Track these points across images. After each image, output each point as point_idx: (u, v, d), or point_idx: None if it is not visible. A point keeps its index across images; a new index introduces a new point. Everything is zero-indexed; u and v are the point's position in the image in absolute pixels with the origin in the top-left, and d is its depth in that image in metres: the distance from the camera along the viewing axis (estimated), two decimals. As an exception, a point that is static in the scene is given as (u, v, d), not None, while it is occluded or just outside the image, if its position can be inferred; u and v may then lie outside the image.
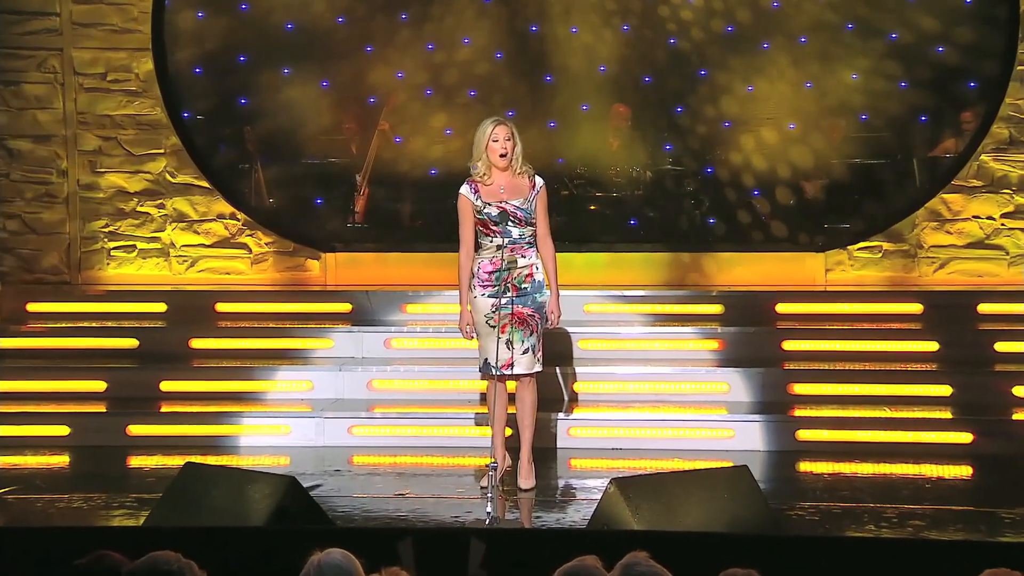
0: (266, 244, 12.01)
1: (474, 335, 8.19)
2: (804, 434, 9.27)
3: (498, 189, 8.12)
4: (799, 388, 9.75)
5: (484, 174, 8.16)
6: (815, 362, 10.05)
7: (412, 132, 12.81)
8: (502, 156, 8.07)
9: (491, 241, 8.10)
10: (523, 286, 8.08)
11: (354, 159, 12.77)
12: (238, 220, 11.98)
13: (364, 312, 10.78)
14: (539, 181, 8.17)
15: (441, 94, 12.80)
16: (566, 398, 9.74)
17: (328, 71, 12.72)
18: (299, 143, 12.64)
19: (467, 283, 8.16)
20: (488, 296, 8.10)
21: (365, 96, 12.89)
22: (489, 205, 8.05)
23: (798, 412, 9.50)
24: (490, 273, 8.11)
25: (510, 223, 8.02)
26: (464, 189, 8.20)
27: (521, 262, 8.07)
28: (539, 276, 8.13)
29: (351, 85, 12.80)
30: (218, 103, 12.43)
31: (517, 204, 8.05)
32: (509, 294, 8.03)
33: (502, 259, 8.02)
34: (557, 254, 8.29)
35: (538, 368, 8.20)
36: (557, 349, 9.67)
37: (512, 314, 8.02)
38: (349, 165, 12.74)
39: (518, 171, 8.13)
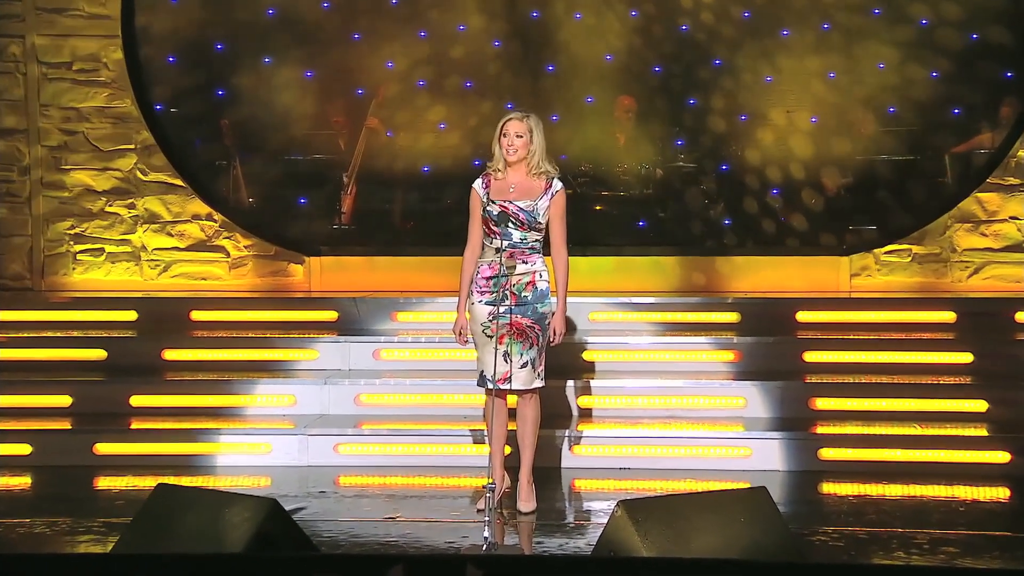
0: (245, 247, 12.00)
1: (469, 341, 8.18)
2: (827, 453, 9.25)
3: (508, 187, 8.10)
4: (822, 403, 9.73)
5: (499, 169, 8.15)
6: (839, 375, 10.03)
7: (403, 126, 12.79)
8: (509, 152, 8.06)
9: (491, 243, 8.09)
10: (523, 294, 8.06)
11: (341, 155, 12.76)
12: (215, 221, 11.97)
13: (351, 321, 10.76)
14: (556, 184, 8.12)
15: (435, 85, 12.79)
16: (570, 413, 9.72)
17: (313, 60, 12.72)
18: (281, 138, 12.63)
19: (468, 285, 8.15)
20: (485, 303, 8.08)
21: (353, 87, 12.87)
22: (493, 203, 8.04)
23: (821, 429, 9.47)
24: (488, 278, 8.09)
25: (511, 225, 8.00)
26: (477, 182, 8.18)
27: (521, 268, 8.04)
28: (542, 285, 8.10)
29: (337, 75, 12.79)
30: (193, 95, 12.43)
31: (521, 206, 8.02)
32: (507, 302, 8.02)
33: (500, 263, 8.00)
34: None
35: (538, 384, 8.17)
36: (560, 361, 9.64)
37: (510, 324, 8.01)
38: (335, 162, 12.74)
39: (536, 171, 8.10)
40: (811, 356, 10.18)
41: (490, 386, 8.03)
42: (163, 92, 12.24)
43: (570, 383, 9.77)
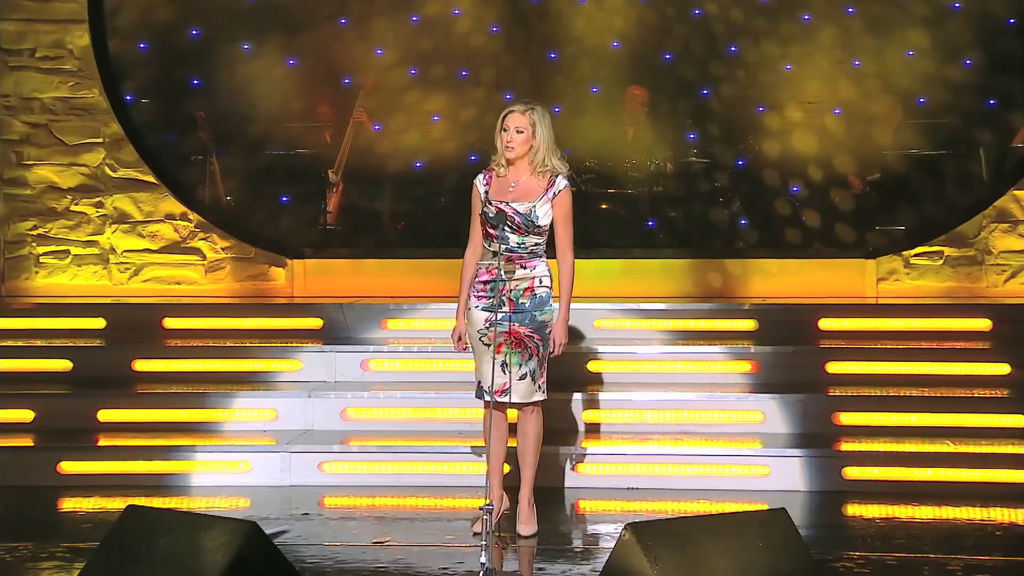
0: (223, 249, 12.00)
1: (468, 349, 8.16)
2: (852, 472, 9.24)
3: (508, 186, 8.07)
4: (846, 418, 9.71)
5: (500, 165, 8.12)
6: (865, 387, 10.02)
7: (394, 119, 12.79)
8: (507, 148, 8.04)
9: (489, 245, 8.07)
10: (520, 301, 8.03)
11: (326, 150, 12.77)
12: (190, 221, 11.96)
13: (337, 328, 10.76)
14: (560, 183, 8.06)
15: (427, 74, 12.79)
16: (574, 429, 9.70)
17: (296, 47, 12.72)
18: (262, 131, 12.63)
19: (468, 288, 8.13)
20: (482, 309, 8.06)
21: (339, 76, 12.88)
22: (490, 203, 8.02)
23: (845, 446, 9.46)
24: (485, 283, 8.07)
25: (507, 228, 7.98)
26: (479, 177, 8.15)
27: (519, 273, 8.03)
28: (542, 291, 8.07)
29: (322, 64, 12.80)
30: (166, 84, 12.43)
31: (518, 208, 7.99)
32: (504, 309, 8.00)
33: (498, 268, 7.99)
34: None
35: (540, 397, 8.15)
36: (564, 372, 9.62)
37: (507, 332, 7.99)
38: (320, 157, 12.74)
39: (539, 169, 8.07)
40: (834, 367, 10.17)
41: (488, 399, 8.01)
42: (134, 81, 12.24)
43: (574, 396, 9.76)
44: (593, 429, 9.73)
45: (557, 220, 8.03)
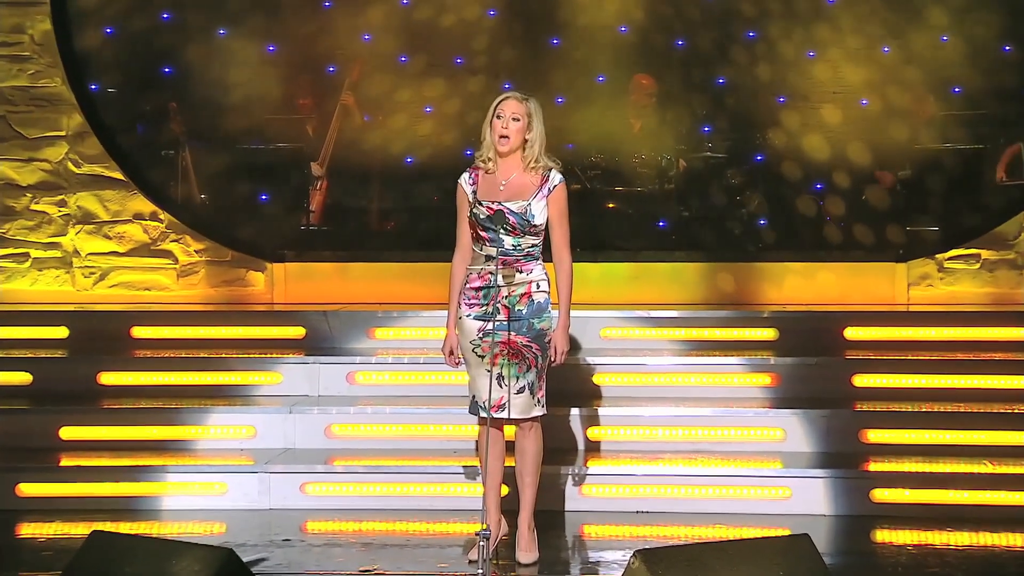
0: (196, 252, 11.99)
1: (460, 363, 8.15)
2: (881, 494, 9.23)
3: (498, 183, 8.06)
4: (874, 435, 9.71)
5: (488, 159, 8.11)
6: (895, 402, 10.01)
7: (383, 110, 12.80)
8: (502, 138, 8.01)
9: (480, 249, 8.06)
10: (517, 308, 8.02)
11: (309, 144, 12.78)
12: (160, 222, 11.96)
13: (321, 338, 10.76)
14: (555, 177, 8.07)
15: (419, 62, 12.79)
16: (577, 447, 9.70)
17: (276, 31, 12.73)
18: (239, 123, 12.62)
19: (458, 296, 8.12)
20: (475, 318, 8.06)
21: (323, 64, 12.88)
22: (480, 204, 8.00)
23: (873, 466, 9.46)
24: (478, 289, 8.07)
25: (503, 230, 7.97)
26: (463, 176, 8.14)
27: (516, 278, 8.02)
28: (540, 297, 8.08)
29: (305, 50, 12.80)
30: (135, 73, 12.42)
31: (512, 208, 7.98)
32: (499, 317, 8.00)
33: (492, 273, 7.98)
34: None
35: (539, 412, 8.16)
36: (566, 385, 9.62)
37: (503, 342, 7.99)
38: (303, 151, 12.74)
39: (532, 164, 8.06)
40: (862, 380, 10.16)
41: (483, 414, 8.00)
42: (99, 70, 12.23)
43: (577, 411, 9.76)
44: (599, 447, 9.72)
45: (553, 218, 8.03)
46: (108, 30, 12.29)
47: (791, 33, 12.52)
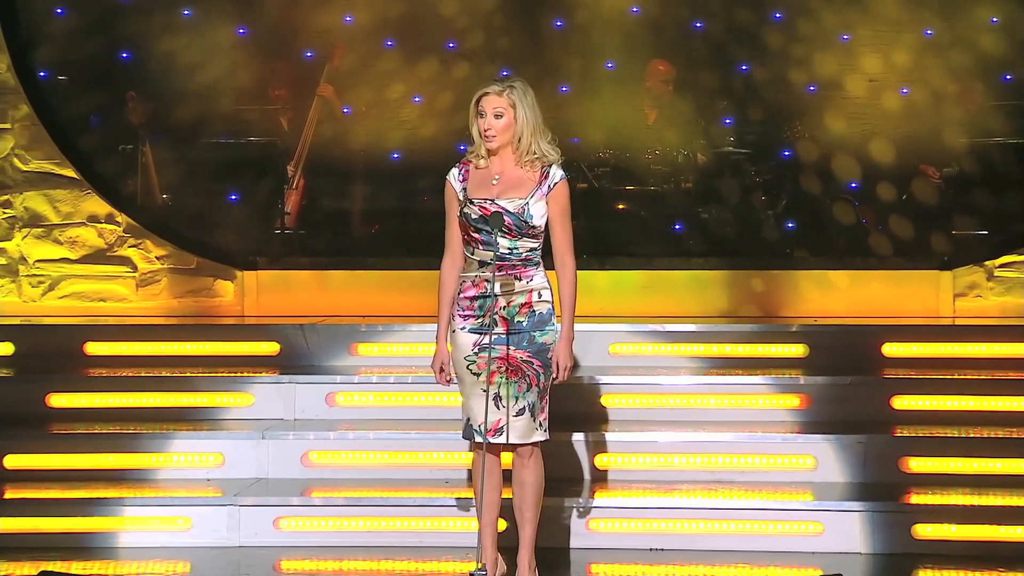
0: (158, 259, 11.99)
1: (452, 381, 8.14)
2: (924, 530, 9.21)
3: (490, 179, 8.07)
4: (916, 464, 9.69)
5: (479, 156, 8.12)
6: (939, 427, 9.99)
7: (366, 100, 12.80)
8: (486, 137, 8.03)
9: (472, 253, 8.05)
10: (516, 320, 8.02)
11: (284, 138, 12.79)
12: (118, 224, 11.96)
13: (297, 355, 10.75)
14: (555, 173, 8.07)
15: (407, 46, 12.79)
16: (583, 477, 9.69)
17: (246, 13, 12.73)
18: (205, 115, 12.64)
19: (448, 306, 8.11)
20: (470, 331, 8.05)
21: (300, 49, 12.88)
22: (471, 203, 8.00)
23: (915, 498, 9.44)
24: (472, 299, 8.06)
25: (498, 232, 7.96)
26: (453, 172, 8.15)
27: (516, 287, 8.02)
28: (542, 307, 8.08)
29: (279, 33, 12.80)
30: (89, 58, 12.42)
31: (507, 206, 7.98)
32: (497, 330, 7.99)
33: (488, 281, 7.97)
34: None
35: (540, 436, 8.15)
36: (570, 407, 9.61)
37: (501, 358, 7.97)
38: (277, 146, 12.76)
39: (527, 158, 8.07)
40: (902, 402, 10.15)
41: (479, 439, 7.99)
42: (49, 54, 12.24)
43: (583, 437, 9.73)
44: (607, 477, 9.70)
45: (554, 219, 8.03)
46: (59, 10, 12.29)
47: (823, 14, 12.54)
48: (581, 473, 9.68)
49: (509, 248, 7.99)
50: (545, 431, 8.15)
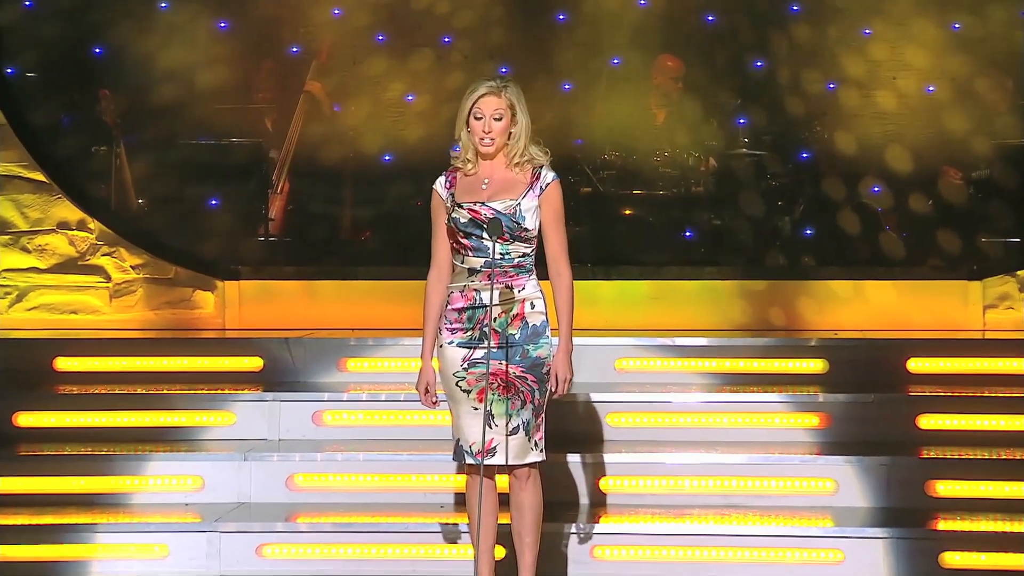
0: (133, 268, 11.98)
1: (438, 403, 8.14)
2: (952, 558, 9.20)
3: (479, 183, 8.08)
4: (944, 487, 9.68)
5: (467, 161, 8.13)
6: (968, 448, 9.99)
7: (356, 98, 12.80)
8: (484, 141, 8.04)
9: (461, 262, 8.06)
10: (509, 332, 8.02)
11: (268, 139, 12.78)
12: (90, 232, 11.95)
13: (283, 370, 10.76)
14: (547, 174, 8.11)
15: (400, 41, 12.79)
16: (586, 501, 9.68)
17: (228, 6, 12.73)
18: (184, 114, 12.64)
19: (435, 322, 8.11)
20: (458, 345, 8.05)
21: (285, 44, 12.88)
22: (460, 207, 8.01)
23: (943, 524, 9.42)
24: (460, 311, 8.06)
25: (488, 236, 7.96)
26: (438, 181, 8.17)
27: (508, 295, 8.03)
28: (536, 318, 8.07)
29: (263, 28, 12.80)
30: (60, 54, 12.41)
31: (498, 207, 7.99)
32: (488, 343, 7.98)
33: (477, 290, 7.98)
34: (574, 282, 8.26)
35: (536, 457, 8.13)
36: (573, 426, 9.62)
37: (493, 374, 7.97)
38: (260, 147, 12.76)
39: (517, 160, 8.09)
40: (928, 421, 10.14)
41: (470, 461, 7.98)
42: (16, 50, 12.23)
43: (584, 458, 9.72)
44: (612, 501, 9.70)
45: (547, 222, 8.05)
46: (27, 3, 12.29)
47: (843, 7, 12.53)
48: (584, 497, 9.67)
49: (501, 253, 8.00)
50: (541, 451, 8.14)
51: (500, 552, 8.43)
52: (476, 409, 7.95)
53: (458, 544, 9.21)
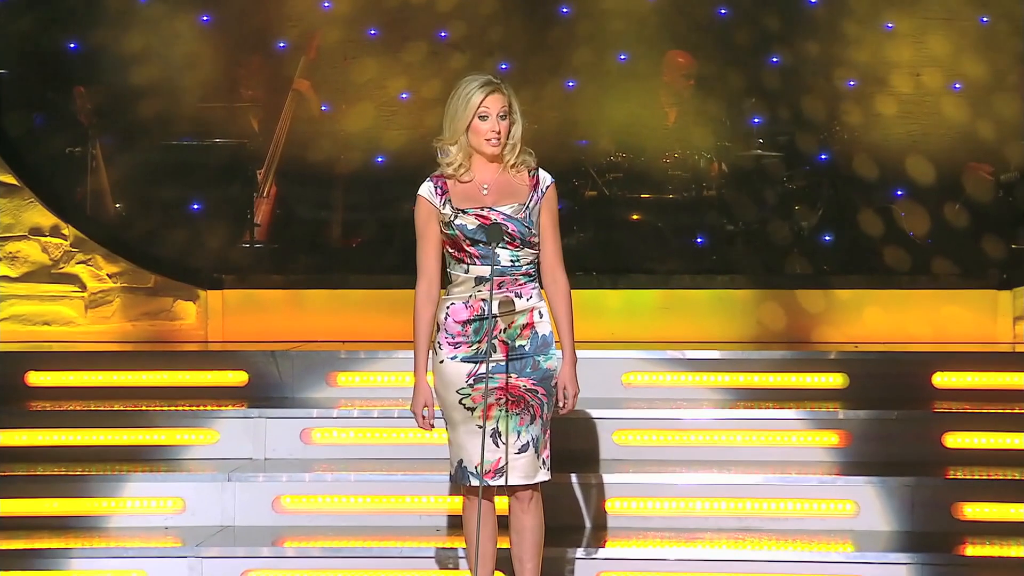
0: (110, 276, 11.98)
1: (434, 424, 8.11)
2: (981, 585, 9.22)
3: (479, 188, 8.06)
4: (972, 510, 9.66)
5: (460, 165, 8.10)
6: (998, 468, 9.96)
7: (347, 97, 12.80)
8: (492, 142, 8.01)
9: (466, 271, 8.03)
10: (518, 344, 8.00)
11: (254, 140, 12.77)
12: (64, 238, 11.95)
13: (269, 386, 10.75)
14: (545, 177, 8.11)
15: (393, 36, 12.79)
16: (591, 524, 9.67)
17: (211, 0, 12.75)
18: (164, 114, 12.64)
19: (427, 338, 8.08)
20: (462, 360, 8.02)
21: (271, 39, 12.88)
22: (462, 213, 7.99)
23: (971, 549, 9.41)
24: (465, 323, 8.03)
25: (500, 243, 7.95)
26: (425, 188, 8.14)
27: (518, 305, 8.01)
28: (544, 328, 8.07)
29: (249, 21, 12.80)
30: (32, 49, 12.40)
31: (508, 212, 7.97)
32: (496, 356, 7.95)
33: (485, 301, 7.94)
34: (577, 291, 8.23)
35: (544, 476, 8.12)
36: (576, 445, 9.60)
37: (501, 388, 7.94)
38: (245, 149, 12.77)
39: (513, 162, 8.07)
40: (955, 440, 10.13)
41: (475, 483, 7.94)
42: (-12, 45, 12.25)
43: (589, 478, 9.71)
44: (618, 524, 9.68)
45: (545, 227, 8.06)
46: (-4, -7, 12.32)
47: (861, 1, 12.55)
48: (588, 520, 9.66)
49: (511, 260, 7.98)
50: (548, 470, 8.12)
51: (499, 578, 8.42)
52: (480, 427, 7.91)
53: (455, 570, 9.20)
